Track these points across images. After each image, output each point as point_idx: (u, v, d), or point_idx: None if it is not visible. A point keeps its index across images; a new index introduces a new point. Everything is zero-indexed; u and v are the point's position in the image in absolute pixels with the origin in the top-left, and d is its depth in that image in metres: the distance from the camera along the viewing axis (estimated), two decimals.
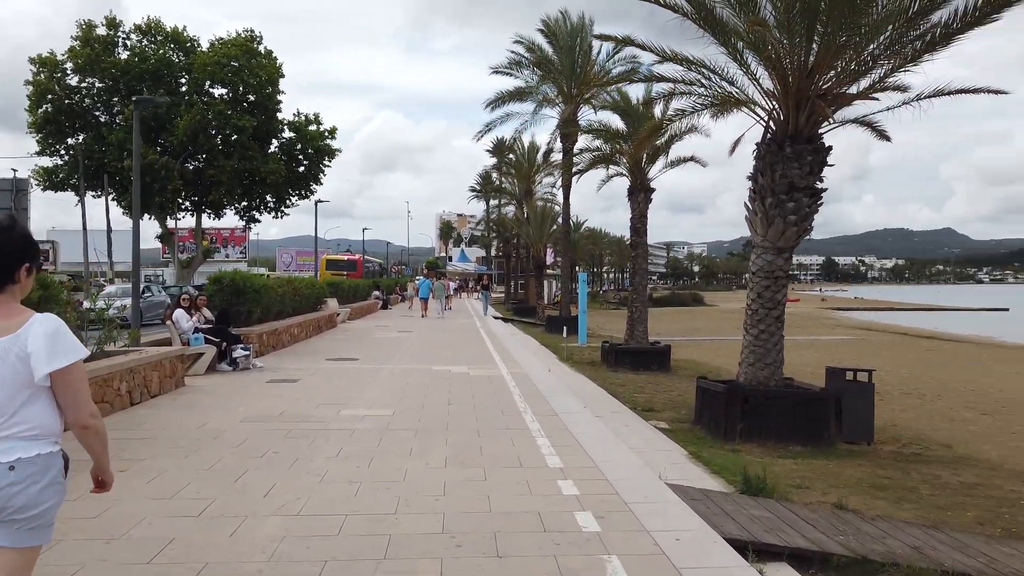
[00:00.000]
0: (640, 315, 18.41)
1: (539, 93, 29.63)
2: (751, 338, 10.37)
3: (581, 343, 24.61)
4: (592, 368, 17.45)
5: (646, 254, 18.82)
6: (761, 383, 10.23)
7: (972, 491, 7.78)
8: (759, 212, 10.18)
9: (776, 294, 10.30)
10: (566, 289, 32.21)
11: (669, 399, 13.31)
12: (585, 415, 8.67)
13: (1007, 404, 15.46)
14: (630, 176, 18.91)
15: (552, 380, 11.93)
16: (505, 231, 59.49)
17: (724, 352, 26.33)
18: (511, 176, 52.35)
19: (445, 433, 7.35)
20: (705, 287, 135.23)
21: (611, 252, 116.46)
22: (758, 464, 8.47)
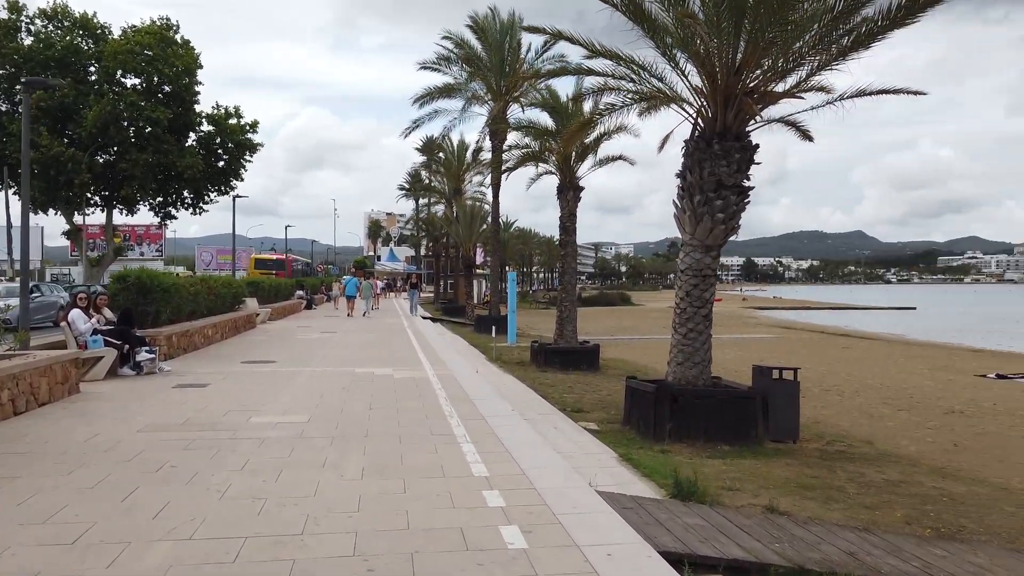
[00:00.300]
0: (569, 314, 18.25)
1: (468, 90, 29.22)
2: (679, 337, 10.25)
3: (510, 343, 24.35)
4: (521, 368, 17.17)
5: (575, 253, 18.69)
6: (690, 382, 10.12)
7: (896, 489, 7.81)
8: (688, 210, 10.07)
9: (704, 292, 10.21)
10: (495, 288, 31.92)
11: (598, 399, 13.14)
12: (513, 418, 8.34)
13: (921, 400, 15.95)
14: (559, 174, 18.73)
15: (480, 382, 11.57)
16: (434, 230, 58.81)
17: (652, 351, 26.54)
18: (441, 175, 51.72)
19: (364, 441, 6.89)
20: (632, 287, 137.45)
21: (541, 252, 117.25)
22: (688, 465, 8.32)
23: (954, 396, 16.41)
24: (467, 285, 43.32)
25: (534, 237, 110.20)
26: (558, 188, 18.74)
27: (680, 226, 10.35)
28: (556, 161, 18.72)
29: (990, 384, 18.42)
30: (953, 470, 9.72)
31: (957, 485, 8.35)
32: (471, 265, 44.45)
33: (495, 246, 31.46)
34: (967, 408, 14.88)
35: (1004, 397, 16.31)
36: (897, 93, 10.69)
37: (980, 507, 7.35)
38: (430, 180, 56.79)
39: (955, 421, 13.54)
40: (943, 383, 18.64)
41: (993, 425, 13.21)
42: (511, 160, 19.93)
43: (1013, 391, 17.24)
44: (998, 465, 10.25)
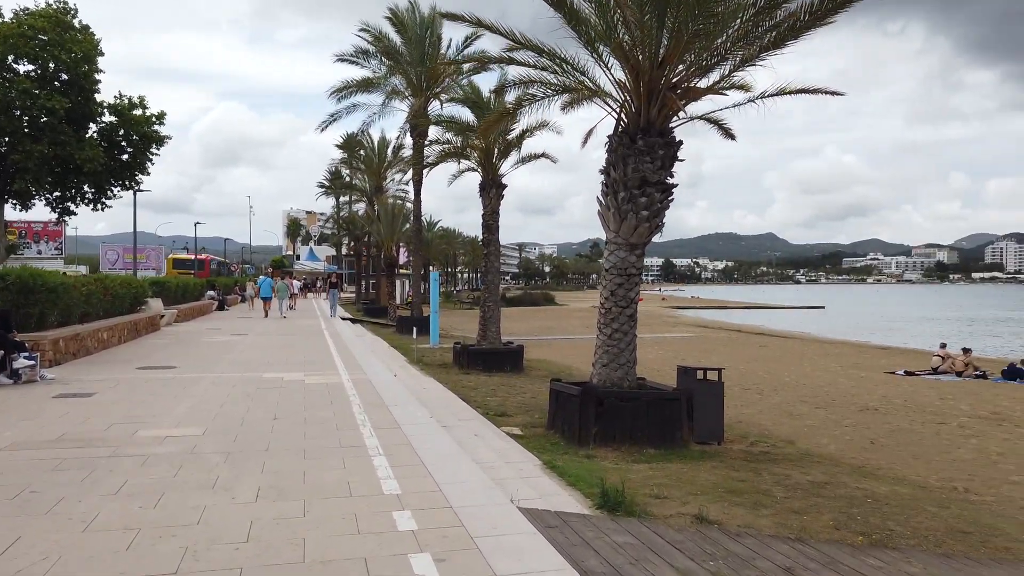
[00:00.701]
0: (493, 315, 17.83)
1: (388, 85, 28.47)
2: (604, 338, 9.95)
3: (433, 344, 23.75)
4: (443, 371, 16.64)
5: (498, 252, 18.28)
6: (615, 384, 9.83)
7: (822, 491, 7.69)
8: (612, 207, 9.78)
9: (629, 292, 9.94)
10: (417, 288, 31.23)
11: (522, 402, 12.75)
12: (431, 426, 7.83)
13: (837, 397, 16.25)
14: (481, 171, 18.28)
15: (398, 386, 10.98)
16: (355, 229, 57.41)
17: (576, 351, 26.42)
18: (361, 172, 50.49)
19: (263, 456, 6.24)
20: (556, 287, 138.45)
21: (465, 252, 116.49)
22: (614, 471, 8.00)
23: (867, 393, 16.80)
24: (389, 285, 42.37)
25: (458, 237, 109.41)
26: (480, 185, 18.29)
27: (604, 224, 10.05)
28: (478, 158, 18.27)
29: (899, 381, 19.00)
30: (873, 469, 9.76)
31: (879, 485, 8.31)
32: (393, 265, 43.51)
33: (417, 245, 30.77)
34: (880, 405, 15.22)
35: (913, 393, 16.80)
36: (816, 92, 10.69)
37: (904, 508, 7.29)
38: (351, 178, 55.42)
39: (870, 418, 13.78)
40: (856, 380, 19.13)
41: (905, 421, 13.50)
42: (432, 156, 19.38)
43: (920, 387, 17.81)
44: (914, 462, 10.38)
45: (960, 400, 15.77)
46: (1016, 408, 14.76)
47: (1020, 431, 12.61)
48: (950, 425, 13.12)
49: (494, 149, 18.06)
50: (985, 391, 17.12)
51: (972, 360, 19.64)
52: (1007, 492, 8.84)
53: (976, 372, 19.31)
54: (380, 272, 48.25)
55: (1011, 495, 8.73)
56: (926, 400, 15.82)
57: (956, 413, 14.27)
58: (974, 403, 15.36)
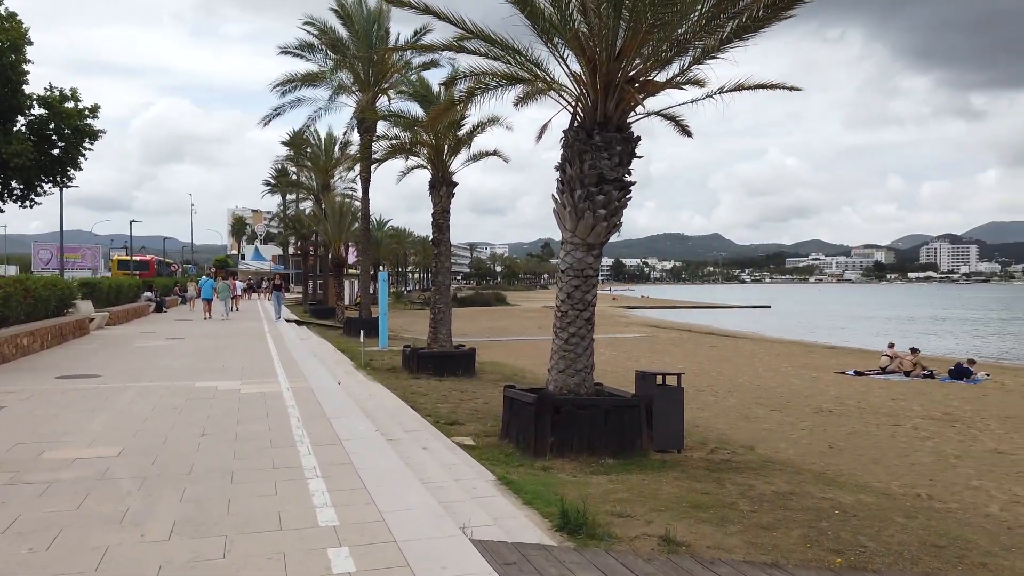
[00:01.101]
0: (444, 316, 17.24)
1: (334, 79, 27.58)
2: (560, 342, 9.49)
3: (382, 347, 23.04)
4: (392, 375, 16.00)
5: (449, 251, 17.70)
6: (572, 391, 9.38)
7: (788, 502, 7.36)
8: (568, 205, 9.32)
9: (586, 294, 9.51)
10: (366, 289, 30.39)
11: (475, 409, 12.22)
12: (376, 440, 7.24)
13: (791, 399, 16.14)
14: (431, 168, 17.67)
15: (342, 395, 10.33)
16: (302, 228, 55.95)
17: (529, 352, 26.00)
18: (308, 169, 49.16)
19: (184, 481, 5.58)
20: (507, 287, 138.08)
21: (416, 252, 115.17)
22: (572, 485, 7.55)
23: (820, 394, 16.75)
24: (337, 286, 41.26)
25: (409, 236, 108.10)
26: (430, 183, 17.68)
27: (560, 222, 9.59)
28: (428, 154, 17.66)
29: (851, 381, 19.06)
30: (835, 475, 9.52)
31: (843, 494, 8.04)
32: (341, 264, 42.42)
33: (366, 244, 29.95)
34: (834, 407, 15.14)
35: (864, 394, 16.81)
36: (774, 88, 10.47)
37: (872, 520, 7.00)
38: (297, 175, 53.98)
39: (825, 421, 13.65)
40: (808, 381, 19.12)
41: (860, 424, 13.40)
42: (380, 152, 18.66)
43: (872, 388, 17.86)
44: (874, 467, 10.19)
45: (911, 401, 15.80)
46: (966, 408, 14.83)
47: (973, 432, 12.61)
48: (904, 427, 13.06)
49: (444, 146, 17.48)
50: (934, 391, 17.24)
51: (920, 360, 19.85)
52: (970, 498, 8.67)
53: (924, 372, 19.50)
54: (328, 272, 47.09)
55: (974, 501, 8.56)
56: (878, 401, 15.81)
57: (909, 414, 14.25)
58: (925, 404, 15.40)
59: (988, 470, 10.03)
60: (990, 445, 11.63)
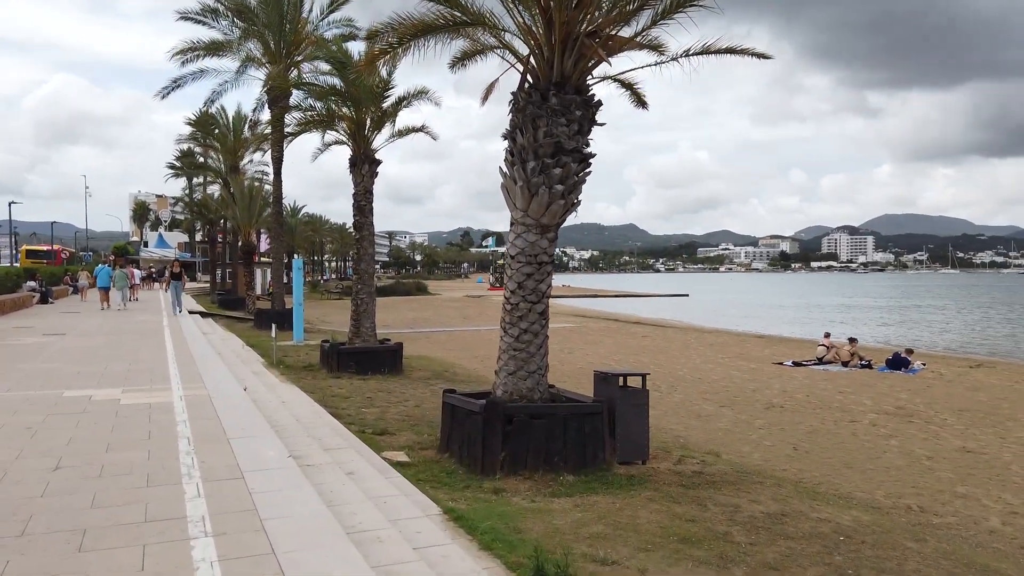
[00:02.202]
0: (367, 308, 15.61)
1: (242, 49, 25.25)
2: (511, 339, 8.14)
3: (297, 341, 21.15)
4: (309, 375, 14.29)
5: (372, 236, 16.06)
6: (524, 396, 8.06)
7: (784, 528, 6.28)
8: (519, 179, 7.95)
9: (540, 283, 8.18)
10: (279, 278, 28.23)
11: (405, 413, 10.76)
12: (288, 470, 5.72)
13: (737, 394, 15.34)
14: (352, 144, 15.96)
15: (248, 405, 8.67)
16: (209, 213, 52.51)
17: (456, 345, 24.59)
18: (215, 150, 45.93)
19: (10, 550, 3.93)
20: (428, 276, 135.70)
21: (333, 240, 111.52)
22: (533, 514, 6.25)
23: (766, 388, 16.04)
24: (247, 274, 38.56)
25: (325, 224, 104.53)
26: (351, 161, 15.98)
27: (509, 200, 8.22)
28: (348, 128, 15.93)
29: (792, 373, 18.52)
30: (813, 485, 8.57)
31: (836, 512, 7.04)
32: (252, 252, 39.74)
33: (279, 230, 27.76)
34: (784, 402, 14.40)
35: (810, 387, 16.21)
36: (743, 53, 9.34)
37: (884, 547, 5.99)
38: (204, 157, 50.52)
39: (780, 418, 12.85)
40: (749, 373, 18.46)
41: (816, 420, 12.65)
42: (293, 124, 16.74)
43: (815, 380, 17.32)
44: (849, 473, 9.33)
45: (859, 393, 15.26)
46: (916, 402, 14.35)
47: (933, 428, 12.02)
48: (862, 423, 12.37)
49: (365, 119, 15.80)
50: (878, 383, 16.83)
51: (857, 350, 19.52)
52: (963, 509, 7.85)
53: (862, 362, 19.17)
54: (237, 260, 44.24)
55: (970, 513, 7.74)
56: (826, 395, 15.20)
57: (862, 409, 13.62)
58: (874, 397, 14.86)
59: (968, 474, 9.32)
60: (956, 443, 11.00)
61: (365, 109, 15.47)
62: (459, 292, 76.97)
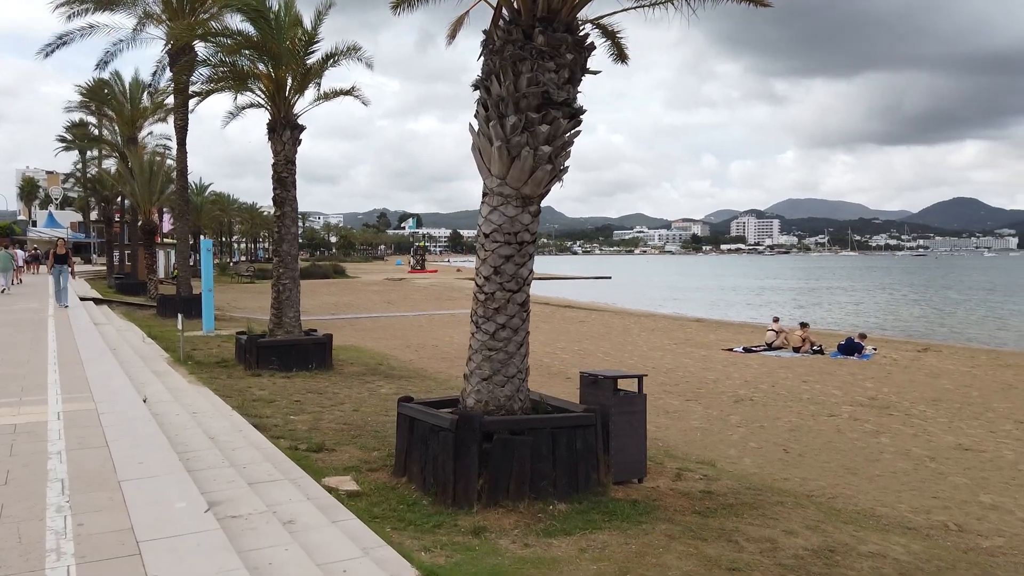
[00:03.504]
0: (290, 295, 13.72)
1: (139, 4, 22.50)
2: (485, 337, 6.63)
3: (207, 331, 18.94)
4: (224, 373, 12.36)
5: (296, 213, 14.12)
6: (502, 406, 6.58)
7: (840, 570, 5.08)
8: (496, 138, 6.41)
9: (521, 268, 6.70)
10: (184, 260, 25.64)
11: (343, 421, 9.10)
12: (208, 533, 4.05)
13: (698, 385, 14.31)
14: (271, 107, 13.94)
15: (148, 423, 6.84)
16: (104, 189, 48.31)
17: (384, 333, 22.79)
18: (111, 121, 41.94)
19: None
20: (344, 258, 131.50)
21: (242, 220, 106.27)
22: (533, 567, 4.82)
23: (726, 378, 15.09)
24: (149, 256, 35.29)
25: (234, 203, 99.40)
26: (269, 127, 13.97)
27: (481, 164, 6.66)
28: (266, 89, 13.90)
29: (746, 360, 17.69)
30: (827, 498, 7.48)
31: (884, 542, 5.91)
32: (154, 232, 36.42)
33: (183, 207, 25.12)
34: (751, 393, 13.44)
35: (770, 376, 15.36)
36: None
37: None
38: (99, 129, 46.26)
39: (754, 413, 11.83)
40: (701, 360, 17.54)
41: (792, 415, 11.70)
42: (200, 83, 14.51)
43: (772, 368, 16.53)
44: (857, 481, 8.30)
45: (823, 383, 14.49)
46: (884, 391, 13.66)
47: (916, 422, 11.24)
48: (841, 418, 11.49)
49: (287, 78, 13.82)
50: (836, 369, 16.17)
51: (809, 335, 18.92)
52: (1006, 528, 6.87)
53: (813, 348, 18.58)
54: (137, 241, 40.73)
55: (1016, 532, 6.77)
56: (790, 384, 14.36)
57: (835, 401, 12.79)
58: (840, 386, 14.11)
59: (981, 478, 8.44)
60: (948, 439, 10.21)
61: (286, 66, 13.49)
62: (378, 275, 74.44)
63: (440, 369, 15.57)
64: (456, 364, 17.00)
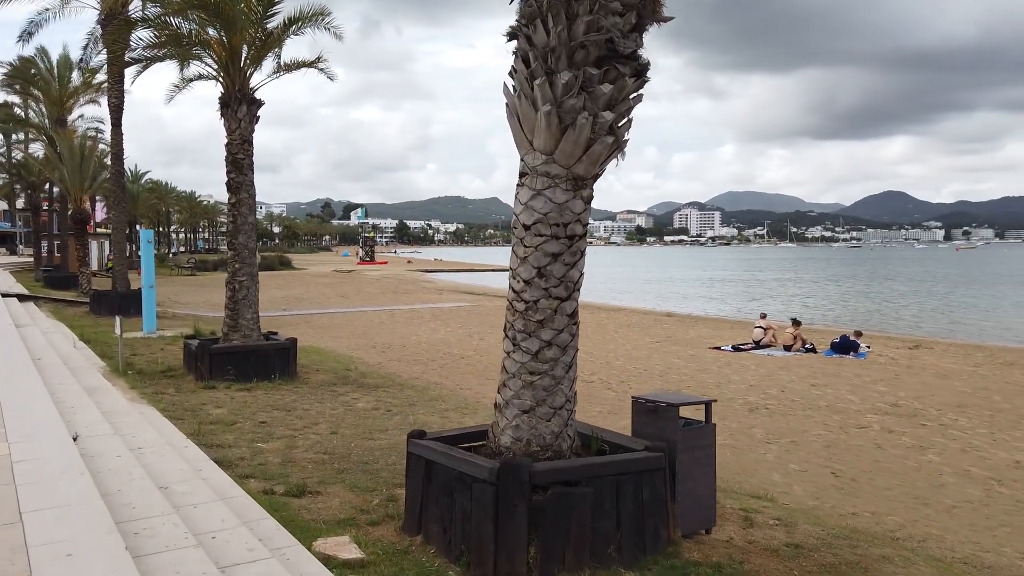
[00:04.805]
0: (248, 293, 11.96)
1: None
2: (526, 357, 5.19)
3: (147, 332, 16.92)
4: (172, 386, 10.57)
5: (253, 200, 12.35)
6: (548, 446, 5.15)
7: None
8: (544, 102, 4.94)
9: (571, 269, 5.28)
10: (121, 252, 23.37)
11: (323, 448, 7.55)
12: None
13: (701, 391, 13.08)
14: (224, 79, 12.13)
15: (79, 473, 5.18)
16: (31, 175, 44.84)
17: (344, 331, 21.05)
18: (39, 102, 38.75)
19: None
20: (289, 249, 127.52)
21: (180, 209, 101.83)
22: None
23: (726, 381, 13.96)
24: (80, 248, 32.52)
25: (171, 192, 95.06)
26: (222, 101, 12.17)
27: (522, 135, 5.19)
28: (218, 57, 12.08)
29: (739, 360, 16.62)
30: (918, 543, 6.29)
31: None
32: (86, 221, 33.61)
33: (120, 194, 22.85)
34: (763, 400, 12.30)
35: (773, 379, 14.29)
36: None
37: None
38: (24, 110, 42.82)
39: (774, 424, 10.67)
40: (691, 361, 16.40)
41: (817, 426, 10.59)
42: (140, 48, 12.52)
43: (769, 368, 15.49)
44: (934, 515, 7.15)
45: (833, 387, 13.47)
46: (902, 395, 12.71)
47: (954, 433, 10.24)
48: (873, 430, 10.42)
49: (242, 46, 12.04)
50: (839, 370, 15.22)
51: (800, 333, 17.98)
52: None
53: (806, 346, 17.64)
54: (67, 231, 37.78)
55: None
56: (800, 389, 13.29)
57: (855, 409, 11.74)
58: (853, 390, 13.10)
59: None
60: (1001, 456, 9.20)
61: (241, 32, 11.71)
62: (326, 266, 71.86)
63: (415, 374, 14.04)
64: (429, 367, 15.47)
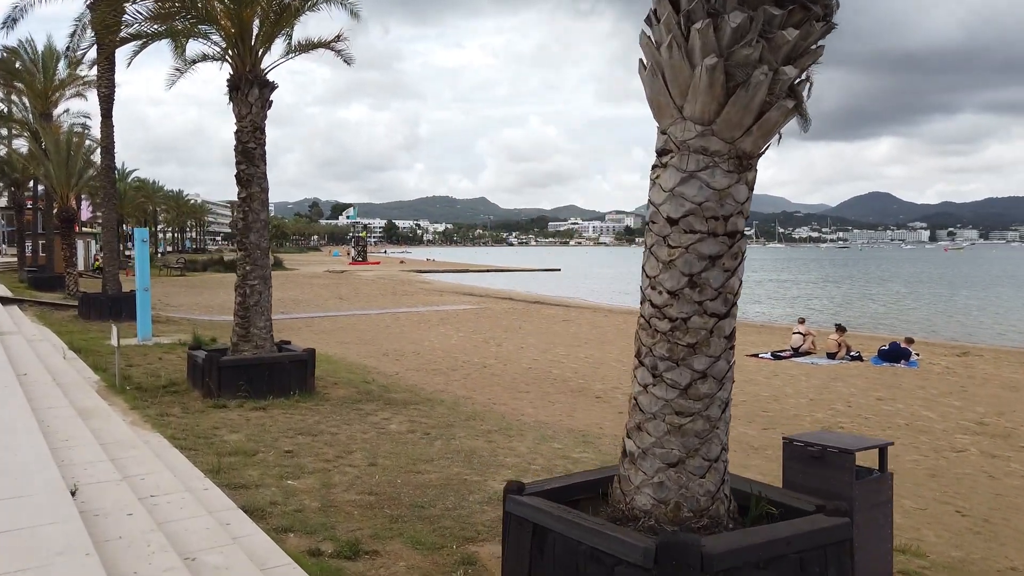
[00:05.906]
0: (260, 300, 10.64)
1: None
2: (672, 393, 3.97)
3: (142, 339, 15.54)
4: (177, 405, 9.25)
5: (265, 195, 11.03)
6: (701, 511, 3.93)
7: None
8: (705, 52, 3.71)
9: (731, 277, 4.05)
10: (112, 253, 21.93)
11: (365, 487, 6.28)
12: None
13: (758, 406, 11.94)
14: (233, 60, 10.83)
15: (75, 557, 3.89)
16: (14, 172, 43.17)
17: (350, 335, 19.73)
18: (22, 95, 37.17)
19: None
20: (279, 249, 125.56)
21: (168, 208, 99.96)
22: None
23: (784, 395, 12.79)
24: (67, 247, 30.98)
25: (159, 191, 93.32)
26: (231, 84, 10.87)
27: (667, 97, 3.95)
28: (226, 35, 10.78)
29: (785, 369, 15.46)
30: None
31: None
32: (72, 220, 32.05)
33: (110, 190, 21.42)
34: (832, 418, 11.13)
35: (830, 390, 13.14)
36: None
37: None
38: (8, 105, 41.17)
39: None
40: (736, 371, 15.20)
41: (912, 451, 9.43)
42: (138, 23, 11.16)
43: (821, 379, 14.33)
44: None
45: (904, 401, 12.33)
46: (980, 410, 11.58)
47: None
48: (973, 454, 9.27)
49: (253, 21, 10.74)
50: (897, 380, 14.09)
51: (845, 339, 16.84)
52: None
53: (852, 354, 16.50)
54: (53, 230, 36.23)
55: None
56: (867, 403, 12.14)
57: (939, 428, 10.58)
58: (926, 405, 11.97)
59: None
60: None
61: (253, 3, 10.41)
62: (318, 267, 70.31)
63: (438, 387, 12.78)
64: (452, 378, 14.13)
